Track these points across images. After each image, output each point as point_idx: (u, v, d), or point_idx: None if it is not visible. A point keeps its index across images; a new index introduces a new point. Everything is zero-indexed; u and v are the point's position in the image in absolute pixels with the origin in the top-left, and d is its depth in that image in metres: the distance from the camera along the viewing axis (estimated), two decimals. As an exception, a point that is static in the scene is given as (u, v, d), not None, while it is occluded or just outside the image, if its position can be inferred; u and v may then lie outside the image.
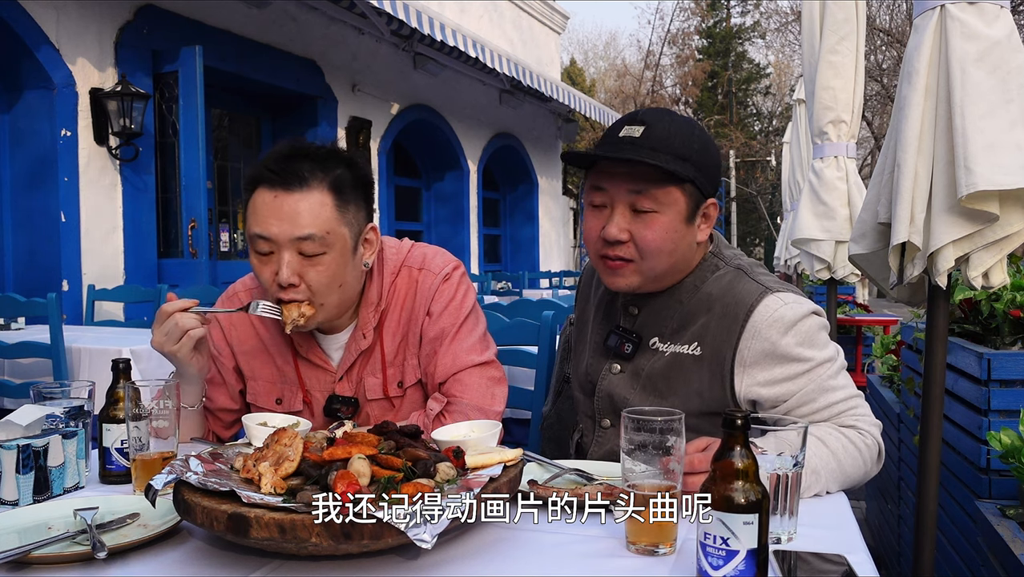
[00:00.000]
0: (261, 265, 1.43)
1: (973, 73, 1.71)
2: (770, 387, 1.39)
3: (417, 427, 1.21)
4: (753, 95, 27.99)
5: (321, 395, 1.58)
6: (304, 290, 1.42)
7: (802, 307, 1.39)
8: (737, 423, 0.93)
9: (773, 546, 1.01)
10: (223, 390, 1.64)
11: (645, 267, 1.43)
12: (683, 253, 1.45)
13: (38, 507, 1.23)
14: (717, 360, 1.42)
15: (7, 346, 3.05)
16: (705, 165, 1.42)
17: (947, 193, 1.75)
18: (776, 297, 1.40)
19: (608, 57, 31.44)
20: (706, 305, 1.45)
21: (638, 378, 1.51)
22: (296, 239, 1.39)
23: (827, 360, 1.39)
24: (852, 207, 3.43)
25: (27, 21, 4.68)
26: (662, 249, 1.41)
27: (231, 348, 1.63)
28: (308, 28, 6.81)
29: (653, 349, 1.50)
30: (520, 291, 8.23)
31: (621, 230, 1.40)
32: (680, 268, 1.48)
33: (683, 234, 1.42)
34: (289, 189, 1.39)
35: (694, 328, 1.45)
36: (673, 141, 1.39)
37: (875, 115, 19.51)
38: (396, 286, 1.58)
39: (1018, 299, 2.32)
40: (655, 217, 1.39)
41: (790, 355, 1.37)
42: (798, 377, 1.38)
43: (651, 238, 1.39)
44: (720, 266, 1.49)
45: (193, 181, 5.26)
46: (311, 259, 1.41)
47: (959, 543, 2.26)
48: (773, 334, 1.37)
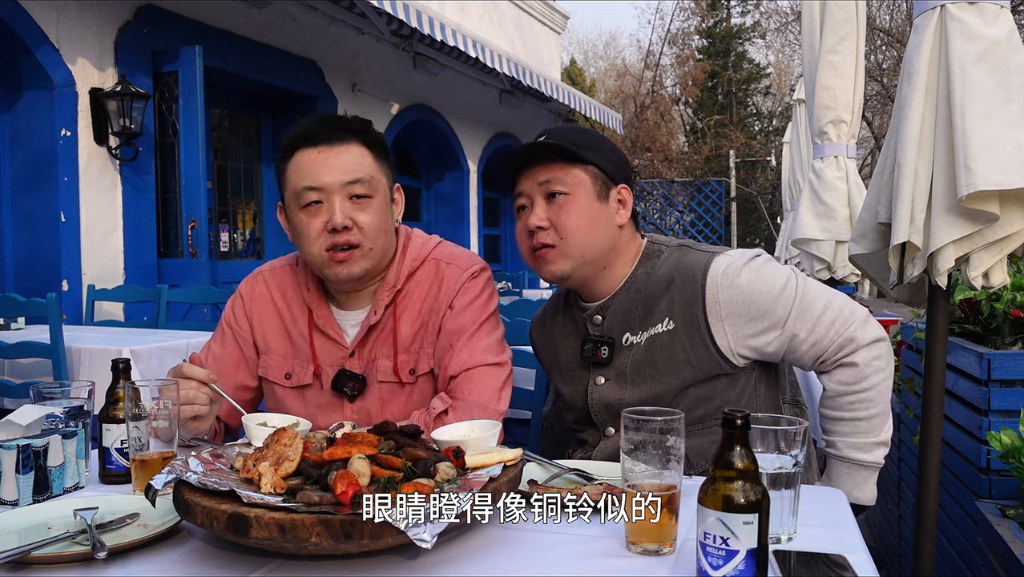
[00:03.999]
0: (310, 219, 1.51)
1: (973, 73, 1.71)
2: (755, 329, 1.49)
3: (417, 427, 1.21)
4: (753, 95, 27.96)
5: (331, 369, 1.60)
6: (356, 233, 1.51)
7: (745, 254, 1.53)
8: (737, 423, 0.93)
9: (773, 546, 1.01)
10: (243, 366, 1.67)
11: (569, 247, 1.53)
12: (603, 234, 1.55)
13: (38, 507, 1.23)
14: (692, 324, 1.51)
15: (7, 346, 3.05)
16: (604, 151, 1.57)
17: (947, 193, 1.75)
18: (723, 256, 1.53)
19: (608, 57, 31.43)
20: (664, 284, 1.54)
21: (624, 377, 1.56)
22: (346, 184, 1.50)
23: (786, 284, 1.50)
24: (852, 207, 3.43)
25: (27, 21, 4.68)
26: (579, 226, 1.52)
27: (250, 322, 1.67)
28: (308, 28, 6.81)
29: (627, 344, 1.57)
30: (520, 291, 8.22)
31: (540, 218, 1.54)
32: (610, 252, 1.57)
33: (597, 212, 1.54)
34: (332, 144, 1.52)
35: (660, 308, 1.54)
36: (568, 135, 1.56)
37: (875, 115, 19.51)
38: (419, 276, 1.62)
39: (1018, 299, 2.32)
40: (567, 199, 1.53)
41: (753, 291, 1.48)
42: (772, 309, 1.49)
43: (565, 217, 1.52)
44: (663, 250, 1.61)
45: (193, 181, 5.26)
46: (360, 202, 1.52)
47: (959, 543, 2.26)
48: (729, 280, 1.49)
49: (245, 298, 1.70)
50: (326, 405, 1.61)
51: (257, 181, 7.06)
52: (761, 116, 28.19)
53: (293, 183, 1.52)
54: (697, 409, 1.51)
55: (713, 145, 22.49)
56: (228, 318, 1.71)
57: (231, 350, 1.68)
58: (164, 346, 3.21)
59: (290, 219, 1.57)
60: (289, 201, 1.55)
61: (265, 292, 1.68)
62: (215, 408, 1.48)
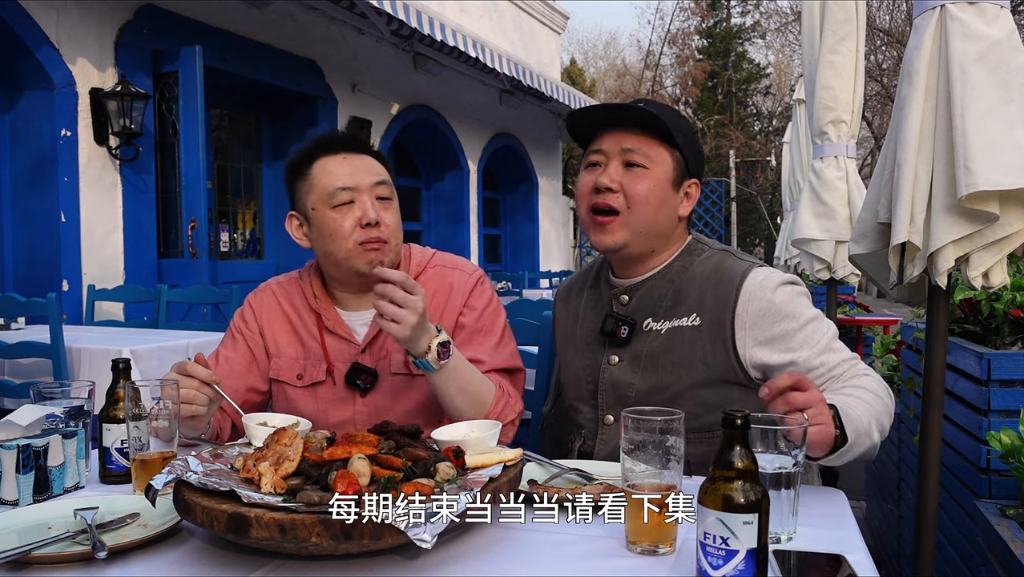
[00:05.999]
0: (341, 218, 1.59)
1: (973, 73, 1.71)
2: (769, 346, 1.48)
3: (417, 427, 1.22)
4: (753, 95, 27.96)
5: (343, 365, 1.66)
6: (385, 230, 1.61)
7: (785, 275, 1.53)
8: (737, 423, 0.93)
9: (773, 546, 1.01)
10: (255, 368, 1.71)
11: (632, 219, 1.53)
12: (666, 217, 1.56)
13: (38, 507, 1.23)
14: (718, 325, 1.50)
15: (7, 346, 3.05)
16: (692, 144, 1.59)
17: (947, 193, 1.74)
18: (763, 267, 1.54)
19: (608, 57, 31.43)
20: (699, 280, 1.55)
21: (638, 361, 1.56)
22: (374, 184, 1.62)
23: (817, 317, 1.51)
24: (852, 207, 3.43)
25: (27, 21, 4.68)
26: (648, 201, 1.52)
27: (261, 327, 1.73)
28: (308, 28, 6.81)
29: (647, 330, 1.56)
30: (520, 291, 8.23)
31: (612, 180, 1.53)
32: (663, 237, 1.58)
33: (668, 197, 1.55)
34: (353, 152, 1.65)
35: (690, 301, 1.54)
36: (668, 113, 1.57)
37: (875, 115, 19.51)
38: (423, 279, 1.71)
39: (1018, 299, 2.32)
40: (645, 172, 1.53)
41: (783, 311, 1.48)
42: (796, 334, 1.47)
43: (640, 189, 1.52)
44: (705, 250, 1.61)
45: (193, 181, 5.26)
46: (384, 202, 1.63)
47: (959, 543, 2.26)
48: (765, 293, 1.48)
49: (255, 306, 1.76)
50: (338, 401, 1.66)
51: (257, 181, 7.06)
52: (761, 116, 28.19)
53: (323, 185, 1.61)
54: (706, 416, 1.49)
55: (713, 145, 22.49)
56: (238, 324, 1.76)
57: (243, 353, 1.72)
58: (164, 346, 3.21)
59: (319, 221, 1.62)
60: (316, 203, 1.62)
61: (274, 301, 1.75)
62: (213, 408, 1.49)
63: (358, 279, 1.65)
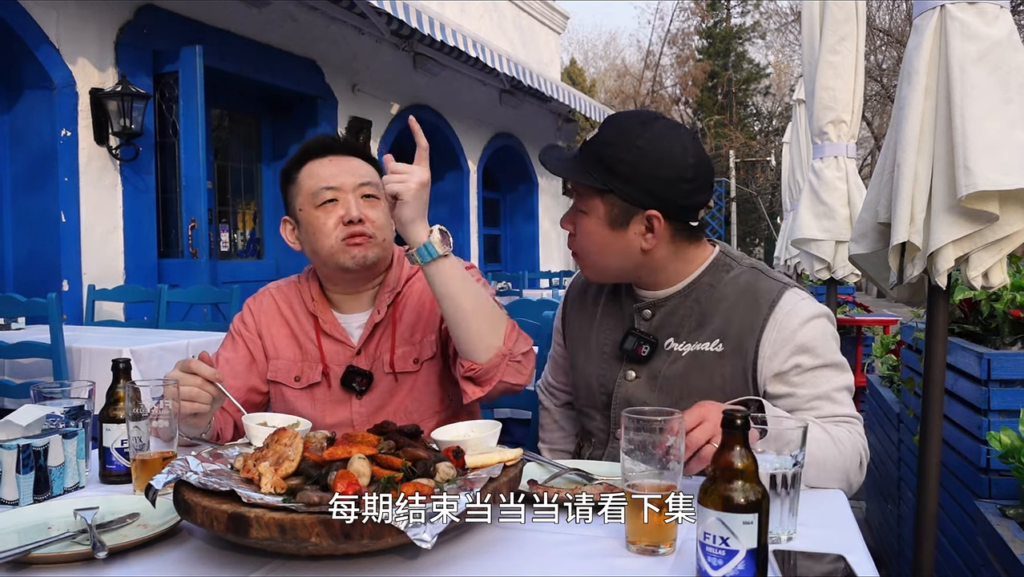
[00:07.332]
0: (326, 216, 1.63)
1: (973, 73, 1.71)
2: (780, 378, 1.42)
3: (417, 427, 1.22)
4: (753, 95, 27.96)
5: (339, 368, 1.68)
6: (369, 226, 1.63)
7: (819, 307, 1.45)
8: (737, 423, 0.93)
9: (773, 546, 1.01)
10: (255, 369, 1.73)
11: (590, 262, 1.53)
12: (620, 257, 1.48)
13: (38, 507, 1.23)
14: (741, 353, 1.44)
15: (7, 346, 3.05)
16: (637, 175, 1.42)
17: (947, 193, 1.75)
18: (795, 292, 1.46)
19: (608, 57, 31.42)
20: (726, 302, 1.47)
21: (655, 381, 1.50)
22: (359, 184, 1.65)
23: (836, 365, 1.43)
24: (852, 207, 3.43)
25: (27, 21, 4.68)
26: (588, 249, 1.50)
27: (260, 330, 1.75)
28: (308, 28, 6.81)
29: (668, 351, 1.50)
30: (520, 291, 8.22)
31: (567, 222, 1.53)
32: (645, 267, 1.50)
33: (609, 240, 1.46)
34: (340, 154, 1.69)
35: (715, 325, 1.47)
36: (606, 150, 1.44)
37: (875, 115, 19.51)
38: (415, 284, 1.72)
39: (1018, 299, 2.32)
40: (583, 217, 1.49)
41: (804, 345, 1.41)
42: (806, 372, 1.41)
43: (579, 235, 1.51)
44: (733, 266, 1.52)
45: (193, 181, 5.26)
46: (370, 201, 1.66)
47: (959, 543, 2.26)
48: (793, 322, 1.42)
49: (254, 310, 1.78)
50: (335, 402, 1.68)
51: (257, 181, 7.06)
52: (761, 116, 28.20)
53: (308, 186, 1.65)
54: None
55: (713, 145, 22.49)
56: (237, 326, 1.78)
57: (243, 354, 1.74)
58: (164, 346, 3.21)
59: (305, 220, 1.66)
60: (303, 204, 1.66)
61: (272, 304, 1.77)
62: (216, 407, 1.49)
63: (346, 277, 1.67)
